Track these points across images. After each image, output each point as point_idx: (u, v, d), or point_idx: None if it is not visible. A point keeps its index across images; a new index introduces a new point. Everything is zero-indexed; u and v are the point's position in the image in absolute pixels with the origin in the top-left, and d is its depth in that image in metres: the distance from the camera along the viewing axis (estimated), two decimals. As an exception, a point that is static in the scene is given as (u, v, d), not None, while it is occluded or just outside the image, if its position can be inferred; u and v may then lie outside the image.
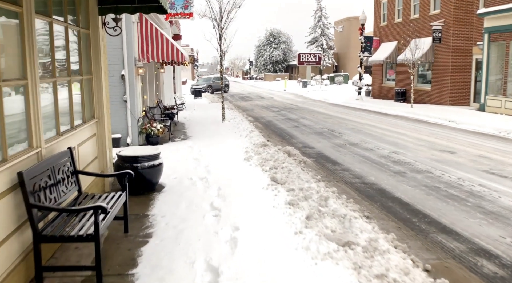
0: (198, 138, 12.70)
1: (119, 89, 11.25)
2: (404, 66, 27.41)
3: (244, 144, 10.96)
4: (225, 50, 15.63)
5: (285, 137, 13.58)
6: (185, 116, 19.30)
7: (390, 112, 21.47)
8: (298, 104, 27.68)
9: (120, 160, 6.88)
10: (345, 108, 24.08)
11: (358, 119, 18.26)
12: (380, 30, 31.54)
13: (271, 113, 21.81)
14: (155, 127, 11.56)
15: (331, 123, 16.88)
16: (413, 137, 13.07)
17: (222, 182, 7.08)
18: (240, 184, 6.96)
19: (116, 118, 11.27)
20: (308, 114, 20.50)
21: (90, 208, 3.74)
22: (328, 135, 13.74)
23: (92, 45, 6.72)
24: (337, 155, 10.54)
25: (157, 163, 6.94)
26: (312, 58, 54.55)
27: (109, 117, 7.53)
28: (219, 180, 7.24)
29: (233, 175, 7.62)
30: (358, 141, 12.42)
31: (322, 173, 8.58)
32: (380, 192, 7.35)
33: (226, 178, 7.38)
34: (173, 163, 8.80)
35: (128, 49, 11.14)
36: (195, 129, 14.76)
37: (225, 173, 7.75)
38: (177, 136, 13.47)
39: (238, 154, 9.69)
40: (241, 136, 12.43)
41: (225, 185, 6.85)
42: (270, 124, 16.93)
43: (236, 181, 7.13)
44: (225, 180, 7.27)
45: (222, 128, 14.48)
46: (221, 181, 7.16)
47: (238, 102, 30.41)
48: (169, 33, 19.33)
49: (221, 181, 7.16)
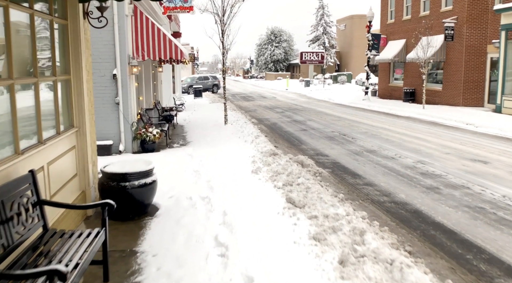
0: (199, 144, 11.51)
1: (111, 90, 10.06)
2: (413, 65, 26.22)
3: (250, 152, 9.77)
4: (228, 48, 14.44)
5: (294, 142, 12.39)
6: (184, 118, 18.12)
7: (401, 114, 20.29)
8: (302, 104, 26.48)
9: (105, 178, 5.69)
10: (352, 109, 22.88)
11: (369, 121, 17.07)
12: (387, 28, 30.31)
13: (275, 114, 20.62)
14: (151, 132, 10.37)
15: (341, 126, 15.68)
16: (435, 143, 11.89)
17: (227, 203, 5.89)
18: (250, 206, 5.78)
19: (107, 123, 10.09)
20: (315, 116, 19.31)
21: (40, 273, 2.54)
22: (340, 140, 12.55)
23: (71, 39, 5.54)
24: (355, 164, 9.36)
25: (149, 180, 5.75)
26: (314, 57, 53.32)
27: (93, 125, 6.34)
28: (224, 200, 6.05)
29: (241, 193, 6.43)
30: (375, 147, 11.23)
31: (343, 189, 7.40)
32: (417, 214, 6.16)
33: (232, 198, 6.19)
34: (170, 175, 7.62)
35: (120, 45, 9.95)
36: (195, 134, 13.57)
37: (230, 190, 6.57)
38: (176, 141, 12.28)
39: (244, 164, 8.50)
40: (246, 142, 11.24)
41: (232, 208, 5.66)
42: (276, 127, 15.74)
43: (244, 202, 5.95)
44: (231, 200, 6.08)
45: (224, 132, 13.29)
46: (226, 202, 5.97)
47: (240, 102, 29.22)
48: (167, 30, 18.14)
49: (226, 202, 5.97)
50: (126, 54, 10.04)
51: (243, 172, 7.81)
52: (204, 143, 11.64)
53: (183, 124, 16.27)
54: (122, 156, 9.93)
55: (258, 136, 11.95)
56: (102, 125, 10.06)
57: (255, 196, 6.20)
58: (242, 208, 5.69)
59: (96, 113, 10.08)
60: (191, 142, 12.02)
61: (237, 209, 5.64)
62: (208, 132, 13.48)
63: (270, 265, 3.93)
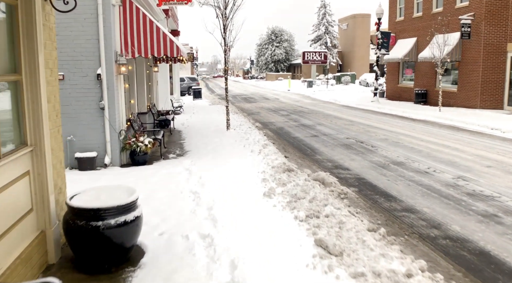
0: (198, 154, 10.01)
1: (95, 93, 8.56)
2: (426, 64, 24.76)
3: (259, 166, 8.27)
4: (231, 45, 12.94)
5: (306, 151, 10.89)
6: (182, 122, 16.62)
7: (417, 117, 18.79)
8: (307, 106, 24.98)
9: (71, 214, 4.19)
10: (362, 112, 21.39)
11: (385, 126, 15.57)
12: (396, 26, 28.83)
13: (280, 117, 19.12)
14: (142, 142, 8.87)
15: (356, 131, 14.19)
16: (468, 152, 10.39)
17: (236, 248, 4.39)
18: (267, 252, 4.27)
19: (91, 132, 8.59)
20: (324, 120, 17.80)
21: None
22: (359, 149, 11.05)
23: (22, 25, 4.04)
24: (385, 181, 7.86)
25: (131, 217, 4.25)
26: (317, 56, 51.87)
27: (60, 140, 4.84)
28: (231, 242, 4.55)
29: (252, 229, 4.93)
30: (401, 158, 9.74)
31: (379, 217, 5.90)
32: (485, 259, 4.66)
33: (242, 237, 4.69)
34: (162, 200, 6.12)
35: (106, 40, 8.45)
36: (194, 141, 12.07)
37: (239, 225, 5.06)
38: (172, 150, 10.78)
39: (253, 183, 6.99)
40: (253, 153, 9.73)
41: (243, 256, 4.15)
42: (283, 133, 14.24)
43: (258, 246, 4.44)
44: (240, 241, 4.57)
45: (227, 140, 11.79)
46: (234, 245, 4.46)
47: (241, 104, 27.71)
48: (164, 27, 16.63)
49: (234, 245, 4.46)
50: (112, 51, 8.54)
51: (253, 195, 6.30)
52: (204, 153, 10.13)
53: (181, 130, 14.76)
54: (108, 170, 8.43)
55: (266, 146, 10.44)
56: (84, 135, 8.58)
57: (272, 235, 4.70)
58: (256, 255, 4.18)
59: (78, 121, 8.61)
60: (189, 152, 10.51)
61: (250, 257, 4.13)
62: (208, 140, 11.98)
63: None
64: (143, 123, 11.34)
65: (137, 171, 8.16)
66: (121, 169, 8.48)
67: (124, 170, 8.37)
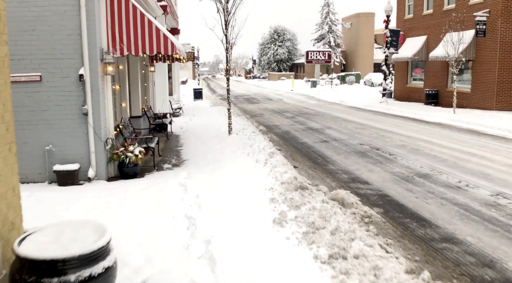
0: (196, 165, 8.91)
1: (77, 97, 7.46)
2: (436, 64, 23.62)
3: (266, 181, 7.16)
4: (233, 42, 11.82)
5: (317, 160, 9.79)
6: (181, 126, 15.53)
7: (430, 120, 17.65)
8: (313, 108, 23.86)
9: (19, 265, 3.10)
10: (372, 114, 20.25)
11: (399, 129, 14.44)
12: (405, 24, 27.66)
13: (285, 120, 18.00)
14: (132, 152, 7.77)
15: (369, 136, 13.06)
16: (500, 162, 9.26)
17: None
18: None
19: (72, 140, 7.51)
20: (332, 123, 16.68)
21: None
22: (375, 157, 9.94)
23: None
24: (413, 199, 6.75)
25: (99, 270, 3.15)
26: (321, 56, 50.74)
27: (11, 162, 3.75)
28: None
29: (262, 275, 3.82)
30: (426, 170, 8.62)
31: (414, 250, 4.79)
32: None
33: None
34: (150, 228, 5.02)
35: (90, 35, 7.36)
36: (192, 148, 10.97)
37: (244, 269, 3.95)
38: (168, 159, 9.68)
39: (260, 205, 5.88)
40: (258, 163, 8.62)
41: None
42: (290, 138, 13.13)
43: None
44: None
45: (229, 147, 10.69)
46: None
47: (243, 105, 26.61)
48: (162, 24, 15.52)
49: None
50: (97, 48, 7.45)
51: (260, 222, 5.19)
52: (203, 163, 9.03)
53: (179, 134, 13.67)
54: (92, 184, 7.33)
55: (272, 154, 9.32)
56: (65, 144, 7.49)
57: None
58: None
59: (58, 128, 7.50)
60: (186, 161, 9.41)
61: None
62: (208, 147, 10.88)
63: None
64: (136, 129, 10.24)
65: (124, 187, 7.06)
66: (107, 184, 7.37)
67: (111, 185, 7.26)
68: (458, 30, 19.50)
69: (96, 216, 5.23)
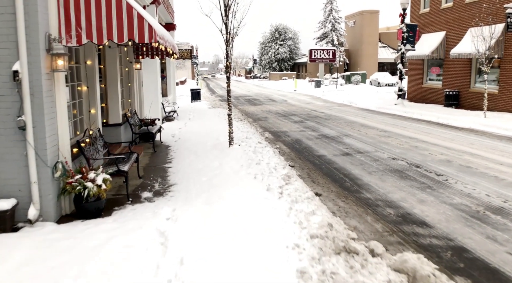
0: (186, 193, 6.62)
1: (10, 104, 5.18)
2: (458, 62, 21.37)
3: (287, 229, 4.86)
4: (234, 32, 9.53)
5: (344, 183, 7.51)
6: (174, 133, 13.24)
7: (459, 125, 15.35)
8: (322, 110, 21.58)
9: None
10: (390, 117, 17.96)
11: (431, 138, 12.16)
12: (420, 19, 25.36)
13: (293, 125, 15.72)
14: (93, 180, 5.49)
15: (399, 147, 10.78)
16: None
17: None
18: None
19: (4, 165, 5.22)
20: (349, 128, 14.39)
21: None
22: (420, 179, 7.66)
23: None
24: (506, 257, 4.48)
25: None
26: (325, 54, 48.40)
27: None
28: None
29: None
30: (496, 200, 6.34)
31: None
32: None
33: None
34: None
35: (29, 15, 5.08)
36: (183, 165, 8.69)
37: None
38: (149, 183, 7.38)
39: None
40: (271, 193, 6.33)
41: None
42: (303, 149, 10.86)
43: None
44: None
45: (230, 164, 8.41)
46: None
47: (245, 107, 24.31)
48: (153, 16, 13.20)
49: None
50: (41, 33, 5.17)
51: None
52: (195, 190, 6.74)
53: (169, 145, 11.38)
54: (31, 231, 5.03)
55: (288, 179, 7.02)
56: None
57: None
58: None
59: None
60: (174, 187, 7.12)
61: None
62: (204, 163, 8.60)
63: None
64: (111, 143, 7.94)
65: (77, 237, 4.75)
66: (54, 231, 5.05)
67: (57, 233, 4.94)
68: (489, 24, 17.22)
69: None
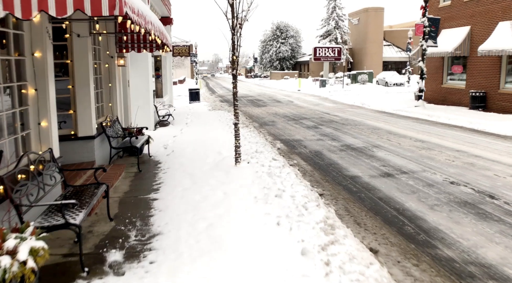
0: (175, 260, 4.29)
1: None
2: (485, 60, 19.11)
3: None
4: (243, 16, 7.22)
5: (403, 228, 5.23)
6: (166, 144, 10.92)
7: (500, 132, 13.02)
8: (335, 113, 19.27)
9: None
10: (415, 122, 15.65)
11: (481, 151, 9.88)
12: (440, 13, 23.04)
13: (308, 132, 13.42)
14: (13, 253, 3.18)
15: (451, 165, 8.49)
16: None
17: None
18: None
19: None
20: (375, 136, 12.08)
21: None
22: (505, 218, 5.40)
23: None
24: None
25: None
26: (330, 52, 45.99)
27: None
28: None
29: None
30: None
31: None
32: None
33: None
34: None
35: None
36: (175, 196, 6.37)
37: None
38: (121, 232, 5.06)
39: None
40: (310, 261, 4.00)
41: None
42: (327, 166, 8.56)
43: None
44: None
45: (239, 195, 6.10)
46: None
47: (248, 108, 21.99)
48: (144, 2, 10.93)
49: None
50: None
51: None
52: (188, 252, 4.40)
53: (159, 161, 9.06)
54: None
55: (332, 230, 4.70)
56: None
57: None
58: None
59: None
60: (157, 240, 4.79)
61: None
62: (202, 195, 6.29)
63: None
64: (64, 171, 5.61)
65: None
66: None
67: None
68: None
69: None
